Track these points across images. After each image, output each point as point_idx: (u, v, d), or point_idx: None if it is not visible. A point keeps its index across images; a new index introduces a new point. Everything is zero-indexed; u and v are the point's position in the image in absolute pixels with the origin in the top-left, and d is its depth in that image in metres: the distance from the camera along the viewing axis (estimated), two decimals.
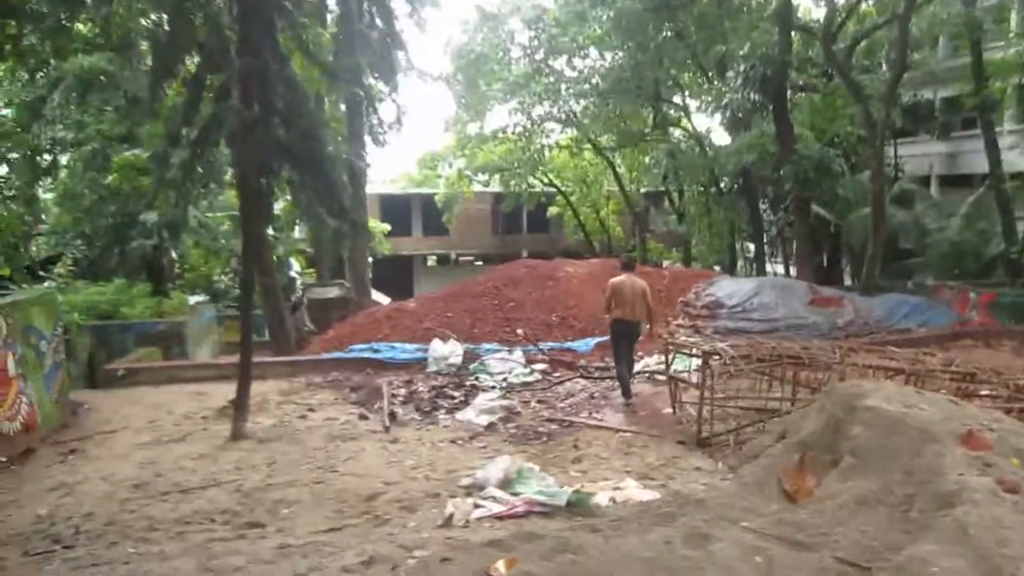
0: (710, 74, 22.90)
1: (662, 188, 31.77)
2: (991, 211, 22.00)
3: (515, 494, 5.67)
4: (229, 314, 19.10)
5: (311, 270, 25.80)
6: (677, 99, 27.09)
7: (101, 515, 5.75)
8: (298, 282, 24.17)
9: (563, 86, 26.44)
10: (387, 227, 34.57)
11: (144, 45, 16.37)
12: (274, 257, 14.74)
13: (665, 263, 32.13)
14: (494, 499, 5.49)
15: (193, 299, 19.06)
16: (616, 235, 36.98)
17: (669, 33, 20.84)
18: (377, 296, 22.23)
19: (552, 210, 38.72)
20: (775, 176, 24.65)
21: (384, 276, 35.13)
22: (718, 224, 25.49)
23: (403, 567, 3.26)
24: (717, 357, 7.02)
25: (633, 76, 21.55)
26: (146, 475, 6.80)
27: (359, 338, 11.66)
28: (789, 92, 19.11)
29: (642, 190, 34.02)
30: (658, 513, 1.88)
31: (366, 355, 11.10)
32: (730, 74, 16.57)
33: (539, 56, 27.00)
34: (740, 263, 29.39)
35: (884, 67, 26.05)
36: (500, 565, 1.71)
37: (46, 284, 15.47)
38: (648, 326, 9.26)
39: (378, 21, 8.16)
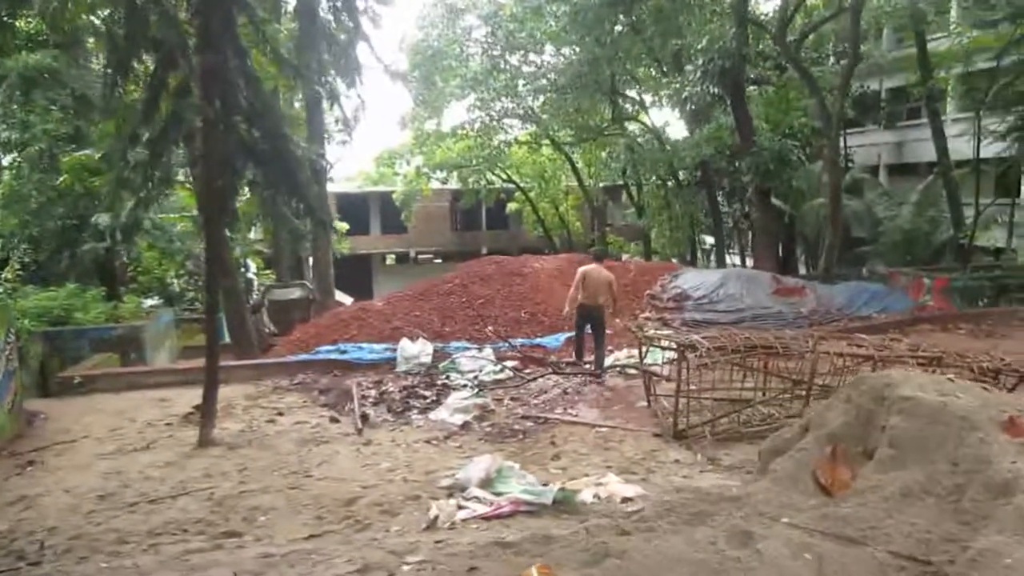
0: (665, 68, 23.11)
1: (620, 182, 31.99)
2: (939, 199, 22.70)
3: (497, 494, 5.60)
4: (185, 317, 18.67)
5: (267, 271, 25.35)
6: (634, 93, 27.28)
7: (66, 529, 5.51)
8: (255, 283, 23.75)
9: (520, 82, 26.43)
10: (345, 226, 34.14)
11: (90, 42, 15.87)
12: (232, 258, 14.38)
13: (624, 256, 32.39)
14: (477, 499, 5.42)
15: (147, 303, 18.58)
16: (575, 230, 37.16)
17: (625, 28, 20.94)
18: (340, 296, 21.94)
19: (511, 206, 38.73)
20: (731, 168, 25.07)
21: (343, 275, 34.58)
22: (678, 217, 25.77)
23: (399, 574, 3.17)
24: (693, 350, 7.04)
25: (591, 71, 21.61)
26: (111, 485, 6.55)
27: (325, 339, 11.46)
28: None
29: (600, 184, 34.22)
30: (689, 512, 1.84)
31: (333, 356, 10.91)
32: (689, 68, 16.72)
33: (496, 52, 26.96)
34: (699, 255, 29.78)
35: (832, 59, 26.70)
36: (533, 571, 1.64)
37: None
38: (610, 311, 10.41)
39: (343, 16, 7.97)
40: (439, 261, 43.97)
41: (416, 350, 10.78)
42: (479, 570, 1.61)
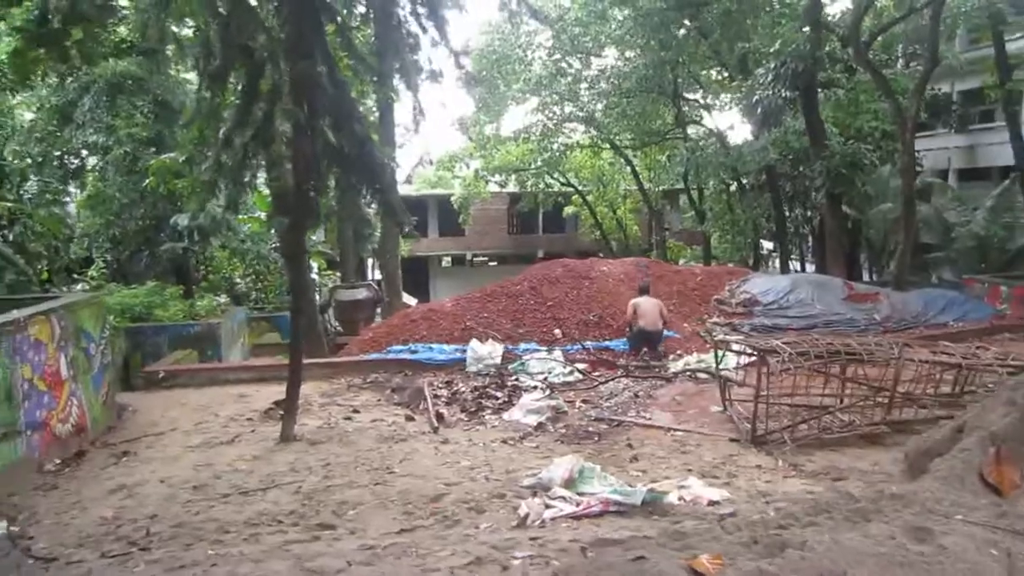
0: (731, 72, 22.82)
1: (680, 186, 31.71)
2: (1014, 204, 21.85)
3: (580, 494, 5.66)
4: (254, 316, 19.22)
5: (329, 271, 25.89)
6: (697, 97, 27.02)
7: (167, 517, 5.75)
8: (317, 283, 24.26)
9: (582, 86, 26.44)
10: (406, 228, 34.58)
11: (170, 49, 16.52)
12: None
13: (681, 262, 32.07)
14: (563, 499, 5.47)
15: (217, 301, 19.18)
16: (633, 234, 36.94)
17: (691, 31, 20.78)
18: (406, 297, 22.27)
19: (568, 210, 38.70)
20: (795, 173, 24.60)
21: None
22: (740, 222, 25.39)
23: (513, 567, 3.24)
24: (775, 354, 6.97)
25: (655, 74, 21.49)
26: (203, 477, 6.82)
27: (396, 339, 11.67)
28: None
29: (660, 188, 33.96)
30: (847, 509, 1.85)
31: (404, 356, 11.11)
32: (760, 71, 16.50)
33: (557, 56, 27.04)
34: (760, 261, 29.28)
35: (901, 61, 25.97)
36: (704, 560, 1.69)
37: (79, 287, 15.60)
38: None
39: (422, 20, 8.13)
40: (494, 264, 44.26)
41: (486, 351, 10.90)
42: (645, 559, 1.65)
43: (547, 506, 5.36)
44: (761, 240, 29.97)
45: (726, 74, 23.64)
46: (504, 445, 7.67)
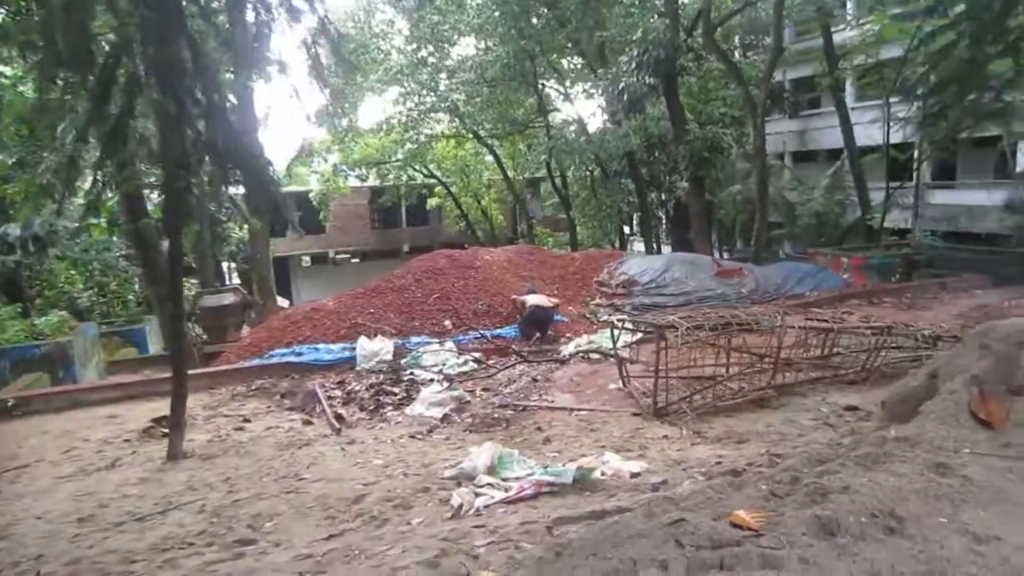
0: (588, 61, 23.48)
1: (542, 175, 32.34)
2: (844, 183, 24.11)
3: (505, 479, 5.66)
4: (104, 331, 17.68)
5: (184, 278, 24.28)
6: (558, 85, 27.61)
7: (56, 555, 5.17)
8: None
9: (442, 75, 26.28)
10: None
11: None
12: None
13: (544, 248, 32.78)
14: (491, 486, 5.45)
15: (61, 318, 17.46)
16: (499, 223, 37.32)
17: (550, 20, 21.14)
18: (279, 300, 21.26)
19: (432, 202, 38.49)
20: (651, 159, 25.81)
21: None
22: (605, 207, 26.26)
23: (482, 555, 3.17)
24: (673, 330, 7.26)
25: (516, 62, 21.73)
26: (87, 507, 6.18)
27: (277, 342, 11.12)
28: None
29: (524, 177, 34.48)
30: (858, 455, 1.94)
31: (289, 359, 10.62)
32: (623, 59, 17.09)
33: (413, 46, 26.71)
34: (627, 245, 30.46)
35: (738, 51, 27.84)
36: (742, 514, 1.71)
37: None
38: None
39: (276, 9, 7.71)
40: (357, 261, 43.30)
41: (376, 347, 10.64)
42: (686, 521, 1.65)
43: (477, 494, 5.32)
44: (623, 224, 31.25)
45: (583, 62, 24.29)
46: (413, 440, 7.52)
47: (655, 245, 30.87)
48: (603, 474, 5.55)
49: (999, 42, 11.64)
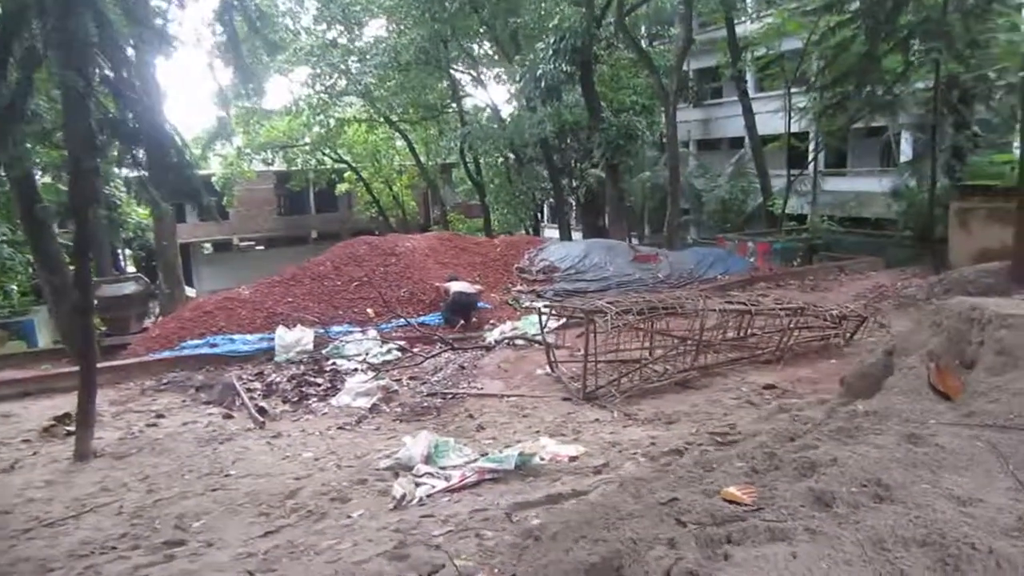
0: (502, 46, 23.43)
1: (453, 161, 32.10)
2: (747, 171, 25.13)
3: (443, 468, 5.63)
4: None
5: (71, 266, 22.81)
6: (471, 71, 27.41)
7: None
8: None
9: (353, 58, 25.63)
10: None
11: None
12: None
13: (461, 234, 32.70)
14: (431, 475, 5.40)
15: None
16: (411, 210, 36.86)
17: (463, 5, 20.94)
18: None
19: (341, 187, 37.57)
20: (562, 146, 26.09)
21: (149, 269, 32.03)
22: (520, 193, 26.37)
23: (445, 544, 3.13)
24: (602, 315, 7.38)
25: (431, 46, 21.45)
26: None
27: (189, 333, 10.61)
28: None
29: (437, 162, 34.15)
30: (831, 429, 2.01)
31: (203, 351, 10.18)
32: (540, 45, 17.13)
33: (323, 27, 25.94)
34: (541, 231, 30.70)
35: (644, 40, 28.45)
36: (734, 491, 1.74)
37: None
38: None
39: None
40: (262, 248, 41.91)
41: (295, 337, 10.33)
42: (679, 500, 1.67)
43: (417, 484, 5.25)
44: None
45: (496, 48, 24.23)
46: (342, 431, 7.37)
47: (568, 232, 31.33)
48: (542, 459, 5.58)
49: (891, 39, 12.35)
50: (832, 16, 13.16)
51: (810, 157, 25.46)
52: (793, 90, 19.62)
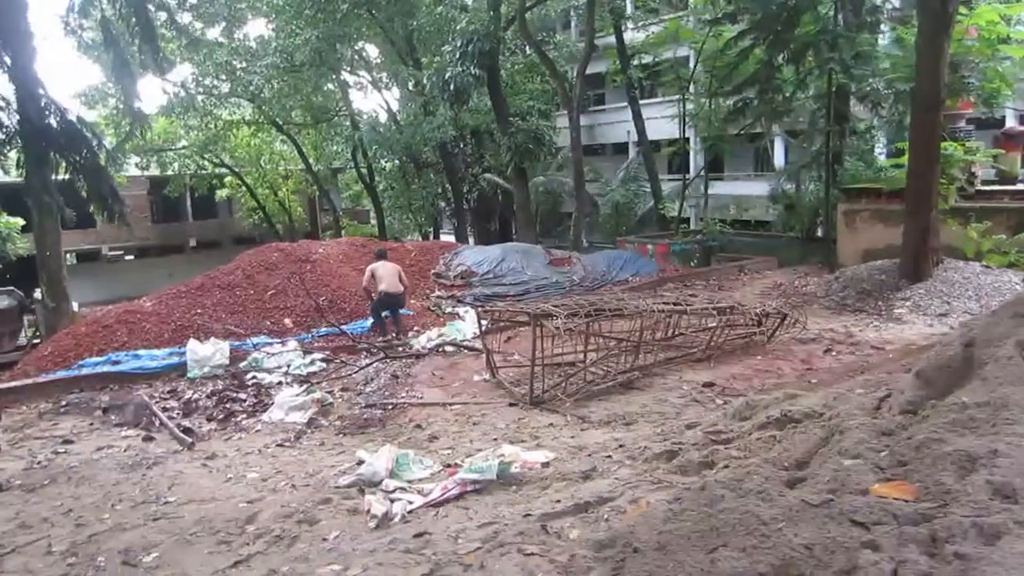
0: (397, 50, 23.06)
1: (345, 165, 31.26)
2: (638, 175, 26.05)
3: (410, 482, 5.44)
4: None
5: None
6: (366, 73, 26.79)
7: None
8: None
9: (236, 60, 24.46)
10: (20, 221, 28.58)
11: None
12: None
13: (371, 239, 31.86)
14: (403, 490, 5.18)
15: None
16: (298, 215, 35.58)
17: (358, 6, 20.45)
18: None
19: (221, 193, 35.77)
20: (455, 150, 26.04)
21: (17, 280, 29.18)
22: (418, 198, 26.02)
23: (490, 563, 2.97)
24: (548, 318, 7.37)
25: (326, 47, 20.78)
26: None
27: (87, 350, 9.71)
28: None
29: (324, 167, 33.13)
30: (945, 421, 2.04)
31: (106, 369, 9.34)
32: (447, 48, 16.95)
33: (200, 24, 24.63)
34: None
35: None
36: (879, 486, 1.73)
37: None
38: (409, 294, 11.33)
39: None
40: (132, 258, 39.25)
41: (209, 351, 9.68)
42: (834, 500, 1.63)
43: (392, 500, 5.03)
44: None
45: (390, 50, 23.79)
46: (283, 448, 6.96)
47: (466, 236, 31.27)
48: (517, 467, 5.49)
49: (787, 49, 13.15)
50: (729, 27, 13.85)
51: (693, 162, 26.83)
52: (677, 97, 20.48)
